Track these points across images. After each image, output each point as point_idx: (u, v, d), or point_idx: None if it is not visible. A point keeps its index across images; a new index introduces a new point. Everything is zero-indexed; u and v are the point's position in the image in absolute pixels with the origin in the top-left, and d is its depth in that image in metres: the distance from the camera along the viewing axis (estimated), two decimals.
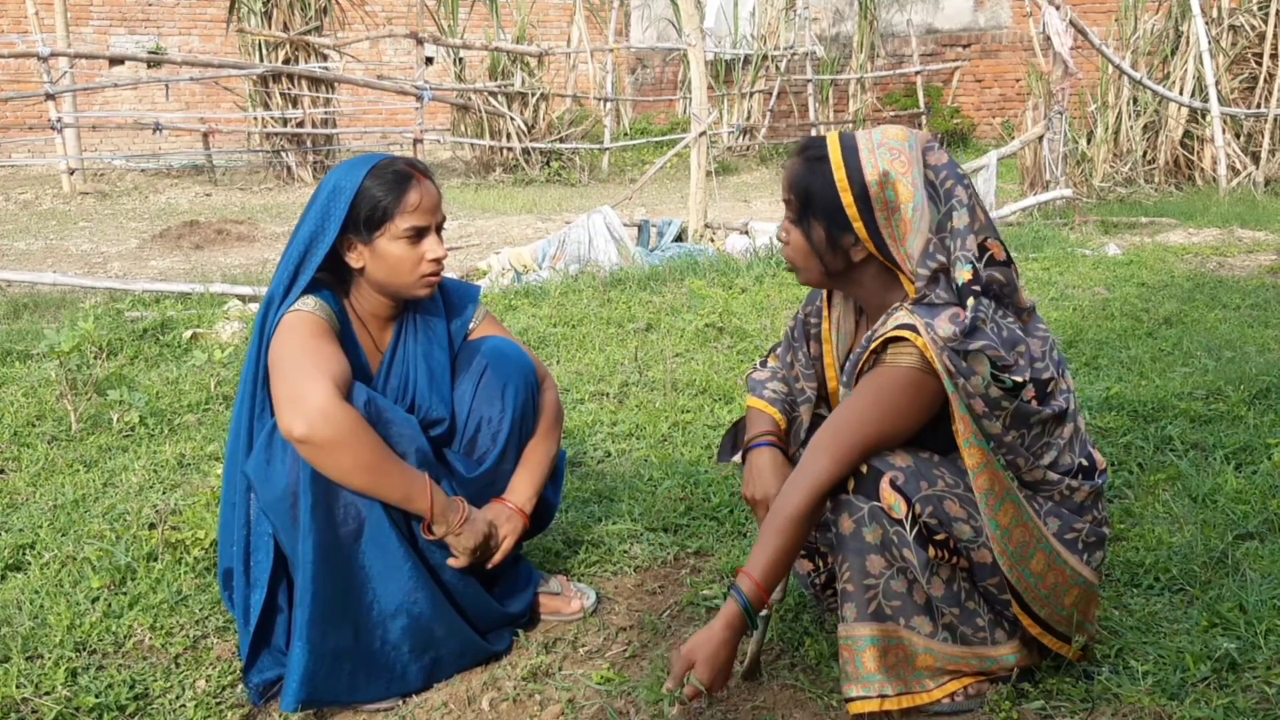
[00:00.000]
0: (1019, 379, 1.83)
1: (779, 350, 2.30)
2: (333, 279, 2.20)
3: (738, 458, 2.28)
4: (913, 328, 1.82)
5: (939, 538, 1.86)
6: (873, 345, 1.88)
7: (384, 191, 2.12)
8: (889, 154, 1.90)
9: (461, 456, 2.29)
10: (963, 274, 1.86)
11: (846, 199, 1.89)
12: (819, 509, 1.89)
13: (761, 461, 2.12)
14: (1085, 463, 1.97)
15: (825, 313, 2.17)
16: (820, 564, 2.29)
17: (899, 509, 1.84)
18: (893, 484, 1.85)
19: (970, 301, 1.84)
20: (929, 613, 1.90)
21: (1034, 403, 1.86)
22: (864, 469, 1.87)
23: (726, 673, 1.86)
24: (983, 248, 1.89)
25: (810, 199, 1.94)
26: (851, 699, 1.89)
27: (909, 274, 1.91)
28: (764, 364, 2.31)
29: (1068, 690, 1.98)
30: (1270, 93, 9.99)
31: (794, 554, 1.88)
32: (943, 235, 1.89)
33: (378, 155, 2.20)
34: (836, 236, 1.93)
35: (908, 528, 1.84)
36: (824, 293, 2.17)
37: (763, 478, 2.10)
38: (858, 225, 1.90)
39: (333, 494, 2.00)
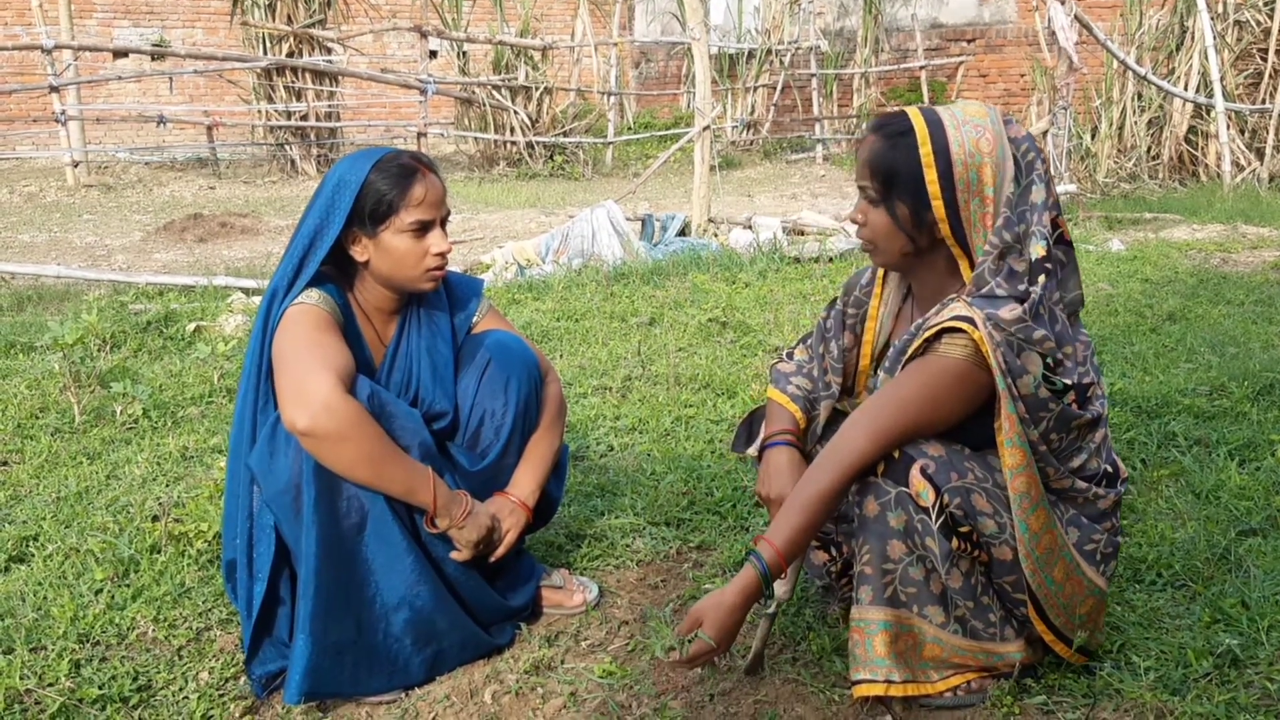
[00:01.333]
0: (1068, 381, 1.81)
1: (809, 341, 2.27)
2: (337, 272, 2.20)
3: (753, 449, 2.27)
4: (970, 320, 1.79)
5: (963, 530, 1.85)
6: (926, 333, 1.85)
7: (389, 185, 2.12)
8: (974, 131, 1.85)
9: (465, 450, 2.29)
10: (1037, 249, 1.82)
11: (930, 175, 1.85)
12: (848, 489, 1.88)
13: (779, 460, 2.11)
14: (1110, 469, 1.96)
15: (877, 291, 2.13)
16: (835, 554, 2.27)
17: (927, 497, 1.83)
18: (923, 472, 1.83)
19: (1041, 279, 1.81)
20: (943, 603, 1.90)
21: (1075, 406, 1.85)
22: (895, 454, 1.85)
23: (733, 636, 1.85)
24: (1054, 224, 1.86)
25: (894, 177, 1.88)
26: (858, 682, 1.90)
27: (974, 258, 1.88)
28: (790, 356, 2.29)
29: (1070, 685, 1.98)
30: (1275, 88, 9.97)
31: (816, 530, 1.87)
32: (1022, 209, 1.85)
33: (383, 149, 2.19)
34: (923, 213, 1.88)
35: (933, 517, 1.83)
36: (878, 275, 2.14)
37: (780, 477, 2.08)
38: (936, 203, 1.85)
39: (336, 487, 2.00)
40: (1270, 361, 3.88)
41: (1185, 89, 9.99)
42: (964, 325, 1.79)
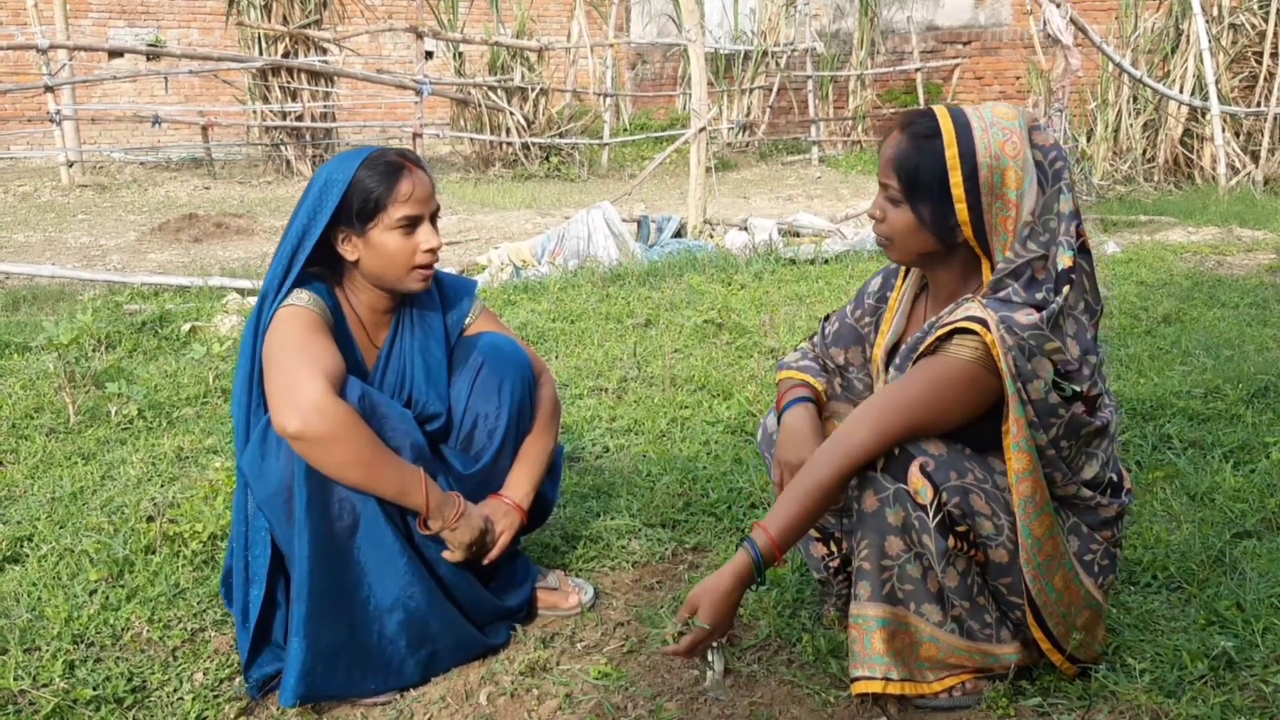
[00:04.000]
0: (1078, 388, 1.81)
1: (812, 337, 2.28)
2: (329, 273, 2.20)
3: (771, 420, 2.20)
4: (984, 322, 1.78)
5: (960, 529, 1.85)
6: (939, 332, 1.85)
7: (376, 182, 2.11)
8: (1001, 134, 1.83)
9: (458, 452, 2.29)
10: (1064, 259, 1.82)
11: (955, 178, 1.83)
12: (848, 482, 1.88)
13: (798, 422, 2.06)
14: (1115, 478, 1.96)
15: (898, 285, 2.12)
16: (834, 548, 2.26)
17: (925, 494, 1.83)
18: (922, 469, 1.83)
19: (1066, 289, 1.81)
20: (940, 602, 1.90)
21: (1084, 413, 1.85)
22: (895, 450, 1.85)
23: (729, 620, 1.87)
24: (1077, 233, 1.85)
25: (916, 180, 1.87)
26: (857, 678, 1.90)
27: (994, 263, 1.87)
28: (796, 349, 2.30)
29: (1065, 688, 1.98)
30: (1270, 91, 9.98)
31: (813, 521, 1.87)
32: (1046, 219, 1.84)
33: (370, 147, 2.19)
34: (946, 215, 1.86)
35: (930, 514, 1.83)
36: (900, 272, 2.13)
37: (802, 440, 2.02)
38: (960, 206, 1.84)
39: (327, 489, 2.00)
40: (1265, 364, 3.89)
41: (1180, 92, 10.00)
42: (976, 327, 1.78)
